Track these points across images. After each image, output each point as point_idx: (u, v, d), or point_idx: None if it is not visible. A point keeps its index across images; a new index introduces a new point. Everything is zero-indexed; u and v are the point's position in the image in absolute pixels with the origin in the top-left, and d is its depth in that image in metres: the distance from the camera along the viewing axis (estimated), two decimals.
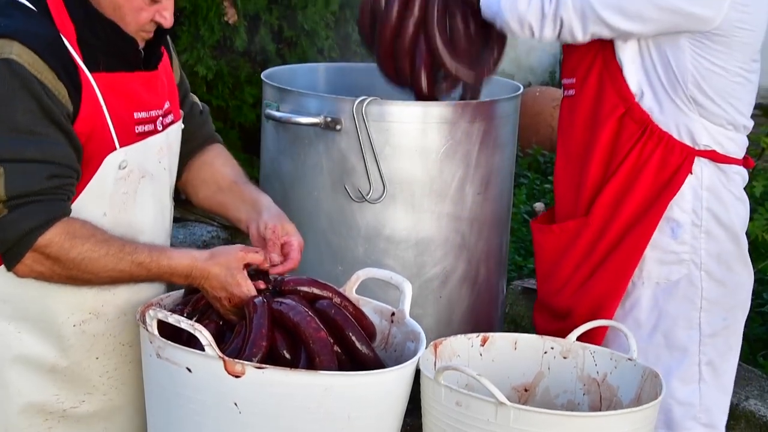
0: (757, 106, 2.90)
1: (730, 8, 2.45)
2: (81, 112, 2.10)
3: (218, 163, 2.51)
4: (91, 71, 2.12)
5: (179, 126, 2.39)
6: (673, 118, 2.55)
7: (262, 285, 2.18)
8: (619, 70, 2.56)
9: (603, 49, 2.57)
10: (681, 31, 2.48)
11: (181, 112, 2.42)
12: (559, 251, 2.71)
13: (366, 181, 2.86)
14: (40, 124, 2.04)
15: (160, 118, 2.28)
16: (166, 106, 2.31)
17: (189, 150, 2.47)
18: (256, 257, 2.19)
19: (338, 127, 2.84)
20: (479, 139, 2.92)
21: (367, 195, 2.87)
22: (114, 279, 2.14)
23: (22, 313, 2.19)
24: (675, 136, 2.56)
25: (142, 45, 2.22)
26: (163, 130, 2.29)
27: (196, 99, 2.55)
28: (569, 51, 2.68)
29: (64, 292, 2.18)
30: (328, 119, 2.84)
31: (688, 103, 2.53)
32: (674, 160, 2.55)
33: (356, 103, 2.81)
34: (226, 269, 2.14)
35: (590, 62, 2.61)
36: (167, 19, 2.17)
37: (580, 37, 2.53)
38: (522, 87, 3.14)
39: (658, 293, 2.61)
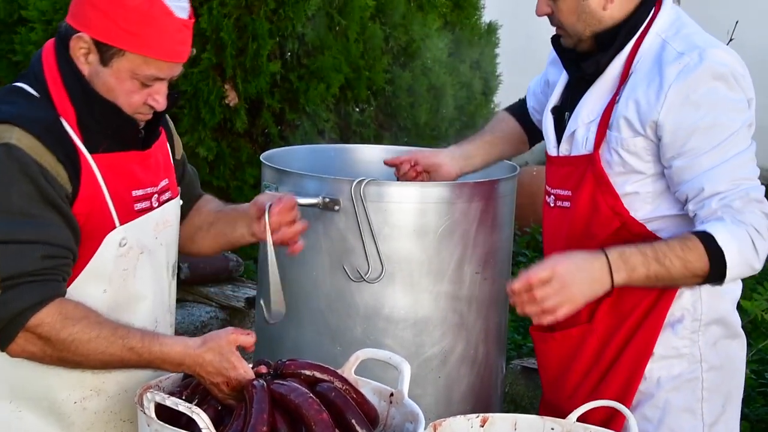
0: None
1: None
2: (80, 193, 2.15)
3: (203, 206, 2.61)
4: (90, 152, 2.17)
5: (177, 202, 2.43)
6: (676, 226, 2.50)
7: (263, 369, 2.19)
8: (613, 194, 2.50)
9: (591, 165, 2.52)
10: None
11: (179, 189, 2.46)
12: (565, 359, 2.66)
13: (364, 261, 2.87)
14: (36, 206, 2.09)
15: (156, 195, 2.32)
16: (162, 183, 2.35)
17: (186, 209, 2.55)
18: (247, 339, 2.19)
19: (337, 207, 2.86)
20: (477, 219, 2.94)
21: (366, 275, 2.88)
22: (105, 363, 2.14)
23: (22, 391, 2.20)
24: None
25: (141, 126, 2.25)
26: (158, 206, 2.32)
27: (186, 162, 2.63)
28: (561, 163, 2.63)
29: (65, 368, 2.19)
30: (327, 200, 2.86)
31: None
32: None
33: (354, 183, 2.83)
34: (220, 355, 2.14)
35: (581, 176, 2.55)
36: (159, 103, 2.20)
37: None
38: (518, 167, 3.17)
39: (661, 388, 2.59)
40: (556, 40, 2.64)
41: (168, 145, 2.44)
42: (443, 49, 5.50)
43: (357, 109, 5.31)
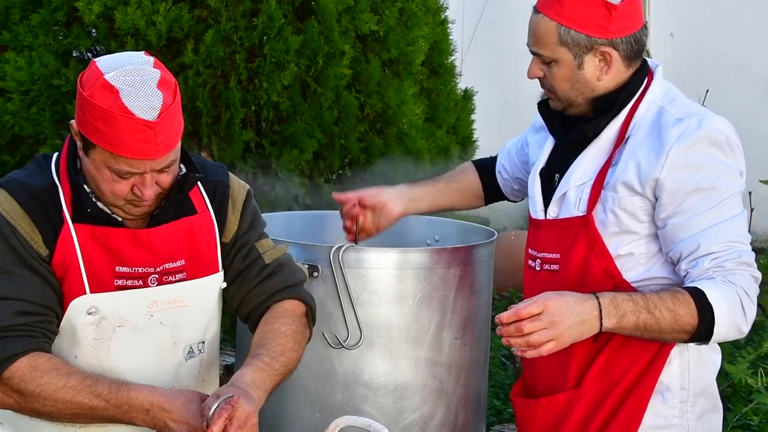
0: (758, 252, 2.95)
1: None
2: (55, 258, 2.23)
3: (262, 329, 2.43)
4: (75, 221, 2.25)
5: (198, 283, 2.39)
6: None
7: None
8: (607, 256, 2.50)
9: (585, 227, 2.52)
10: None
11: (221, 270, 2.42)
12: (549, 427, 2.60)
13: (344, 328, 2.86)
14: (12, 264, 2.20)
15: (155, 276, 2.32)
16: (172, 264, 2.34)
17: (251, 309, 2.47)
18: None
19: (315, 273, 2.86)
20: (455, 284, 2.94)
21: (345, 341, 2.87)
22: (74, 411, 2.18)
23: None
24: None
25: (141, 212, 2.28)
26: (158, 285, 2.32)
27: (263, 253, 2.48)
28: (549, 226, 2.61)
29: (49, 424, 2.26)
30: (306, 266, 2.86)
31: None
32: None
33: (333, 250, 2.84)
34: (188, 404, 2.15)
35: (572, 239, 2.54)
36: (144, 194, 2.23)
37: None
38: (496, 233, 3.19)
39: None
40: (543, 106, 2.65)
41: (215, 225, 2.41)
42: (420, 115, 5.54)
43: (333, 176, 5.32)
